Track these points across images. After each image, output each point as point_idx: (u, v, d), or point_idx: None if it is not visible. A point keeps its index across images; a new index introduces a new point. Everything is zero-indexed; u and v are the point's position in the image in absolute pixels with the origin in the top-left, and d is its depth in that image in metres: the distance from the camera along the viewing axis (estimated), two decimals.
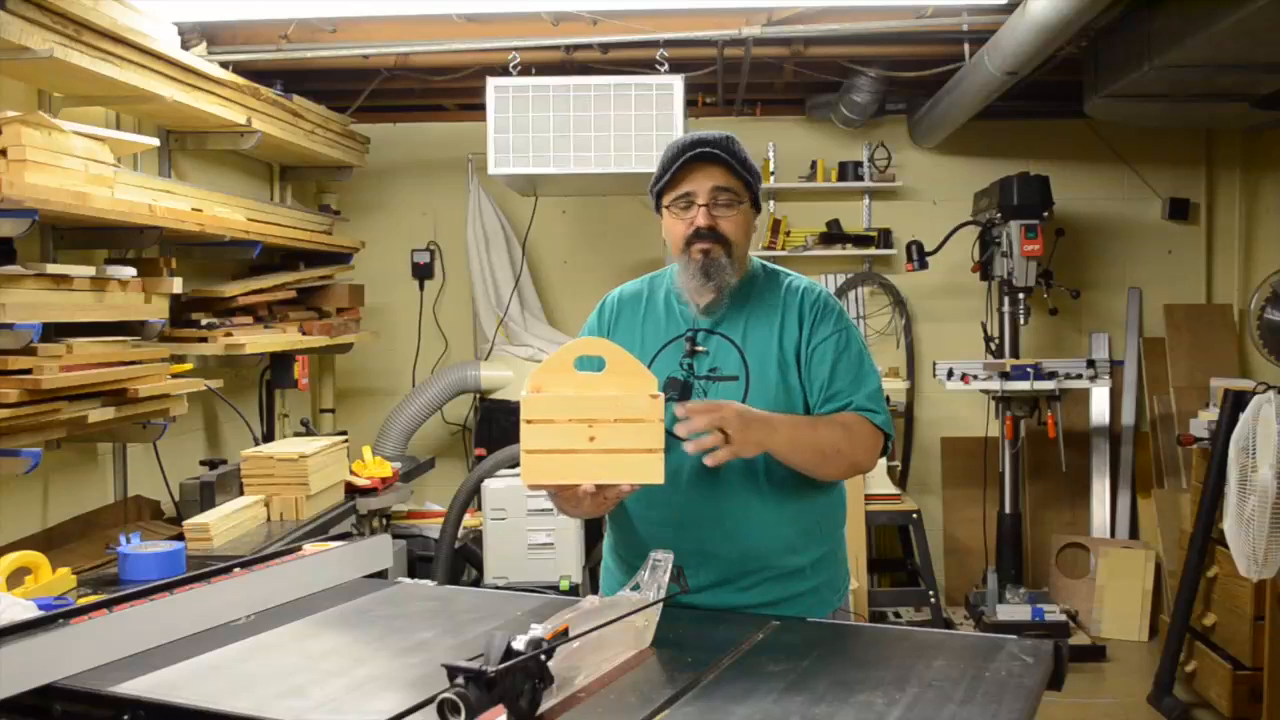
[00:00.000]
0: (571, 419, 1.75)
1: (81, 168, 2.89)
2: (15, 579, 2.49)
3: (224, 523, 3.12)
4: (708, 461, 1.81)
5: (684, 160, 1.99)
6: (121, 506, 3.65)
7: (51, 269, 2.84)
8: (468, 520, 4.33)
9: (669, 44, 4.22)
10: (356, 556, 2.16)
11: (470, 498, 4.23)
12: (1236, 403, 3.82)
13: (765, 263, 2.16)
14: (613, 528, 2.17)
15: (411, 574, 3.89)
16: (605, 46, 4.34)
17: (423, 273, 5.56)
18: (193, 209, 3.58)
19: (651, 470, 1.74)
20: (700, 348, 2.04)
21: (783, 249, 5.43)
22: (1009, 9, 3.81)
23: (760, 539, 1.99)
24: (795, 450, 1.93)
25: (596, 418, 1.75)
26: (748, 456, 1.87)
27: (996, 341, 5.14)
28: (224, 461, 3.80)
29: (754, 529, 1.99)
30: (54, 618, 1.63)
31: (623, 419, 1.75)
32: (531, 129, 4.28)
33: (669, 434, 1.98)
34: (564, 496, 1.86)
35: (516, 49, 4.31)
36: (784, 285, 2.10)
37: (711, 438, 1.80)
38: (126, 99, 3.37)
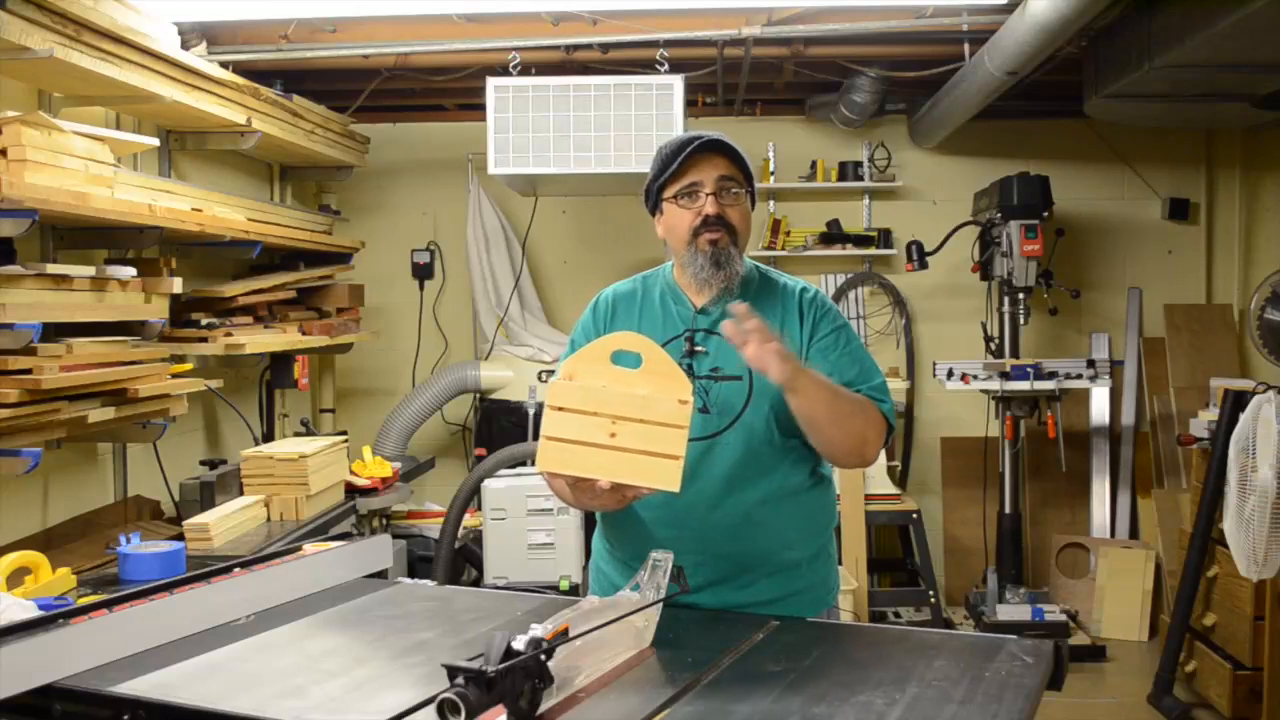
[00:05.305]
0: (596, 412, 1.72)
1: (81, 168, 2.89)
2: (15, 579, 2.49)
3: (224, 523, 3.13)
4: (749, 351, 1.79)
5: (690, 151, 2.02)
6: (121, 506, 3.65)
7: (51, 269, 2.84)
8: (468, 520, 4.33)
9: (669, 44, 4.22)
10: (356, 556, 2.16)
11: (470, 498, 4.23)
12: (1236, 403, 3.82)
13: (759, 265, 2.19)
14: (606, 525, 2.15)
15: (411, 574, 3.89)
16: (605, 46, 4.34)
17: (423, 273, 5.56)
18: (193, 209, 3.58)
19: (668, 476, 1.70)
20: (700, 348, 2.05)
21: (783, 249, 5.43)
22: (1009, 9, 3.80)
23: (758, 534, 2.01)
24: (817, 401, 1.90)
25: (621, 415, 1.71)
26: (781, 378, 1.82)
27: (996, 341, 5.13)
28: (224, 461, 3.80)
29: (752, 524, 2.00)
30: (54, 618, 1.63)
31: (647, 420, 1.71)
32: (531, 129, 4.29)
33: None
34: (581, 487, 1.83)
35: (516, 49, 4.31)
36: (781, 286, 2.14)
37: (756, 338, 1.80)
38: (126, 99, 3.37)
